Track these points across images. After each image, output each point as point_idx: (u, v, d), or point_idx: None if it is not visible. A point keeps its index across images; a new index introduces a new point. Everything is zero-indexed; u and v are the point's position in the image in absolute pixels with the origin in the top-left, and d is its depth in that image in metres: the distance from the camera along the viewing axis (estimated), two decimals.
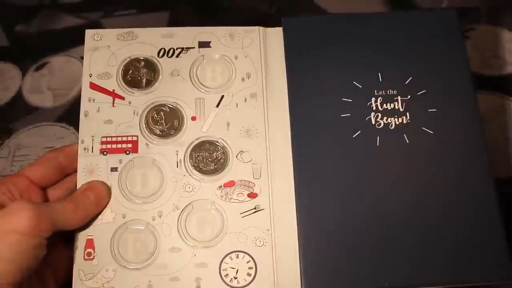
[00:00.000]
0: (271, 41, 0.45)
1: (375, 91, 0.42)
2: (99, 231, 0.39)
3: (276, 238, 0.39)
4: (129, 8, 0.53)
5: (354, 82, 0.42)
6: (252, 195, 0.40)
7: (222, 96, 0.43)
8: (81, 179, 0.40)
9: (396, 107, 0.41)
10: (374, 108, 0.41)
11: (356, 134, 0.41)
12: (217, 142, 0.42)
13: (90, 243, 0.39)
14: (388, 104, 0.42)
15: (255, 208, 0.40)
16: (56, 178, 0.42)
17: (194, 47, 0.44)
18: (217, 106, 0.43)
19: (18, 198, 0.39)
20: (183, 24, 0.44)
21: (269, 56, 0.45)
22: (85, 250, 0.39)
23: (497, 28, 0.49)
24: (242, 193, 0.40)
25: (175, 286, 0.38)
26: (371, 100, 0.42)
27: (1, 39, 0.52)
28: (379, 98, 0.42)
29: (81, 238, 0.39)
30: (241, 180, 0.41)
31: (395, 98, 0.42)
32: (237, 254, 0.39)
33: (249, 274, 0.39)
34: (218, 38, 0.45)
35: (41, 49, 0.53)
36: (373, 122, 0.41)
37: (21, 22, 0.54)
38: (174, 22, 0.53)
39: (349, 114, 0.41)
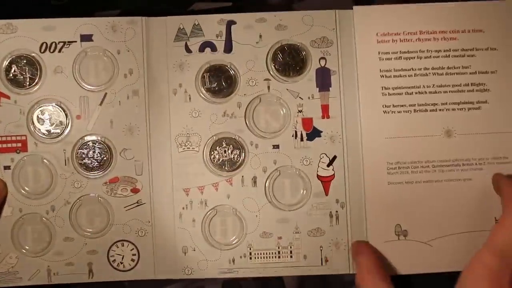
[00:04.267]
0: (153, 32, 0.45)
1: None
2: (0, 224, 0.44)
3: (156, 228, 0.45)
4: None
5: None
6: (135, 190, 0.44)
7: (105, 94, 0.44)
8: None
9: None
10: None
11: None
12: (101, 140, 0.44)
13: None
14: None
15: (137, 202, 0.44)
16: None
17: (76, 41, 0.44)
18: (101, 104, 0.44)
19: None
20: None
21: (151, 49, 0.45)
22: None
23: None
24: (126, 188, 0.44)
25: (70, 269, 0.44)
26: None
27: None
28: None
29: None
30: (124, 176, 0.44)
31: None
32: (122, 243, 0.44)
33: (133, 260, 0.44)
34: (100, 30, 0.44)
35: None
36: None
37: None
38: None
39: None
